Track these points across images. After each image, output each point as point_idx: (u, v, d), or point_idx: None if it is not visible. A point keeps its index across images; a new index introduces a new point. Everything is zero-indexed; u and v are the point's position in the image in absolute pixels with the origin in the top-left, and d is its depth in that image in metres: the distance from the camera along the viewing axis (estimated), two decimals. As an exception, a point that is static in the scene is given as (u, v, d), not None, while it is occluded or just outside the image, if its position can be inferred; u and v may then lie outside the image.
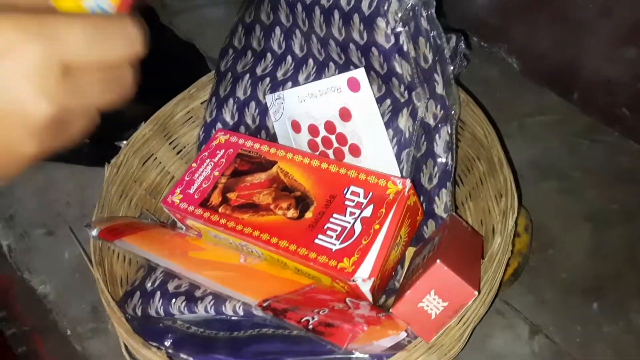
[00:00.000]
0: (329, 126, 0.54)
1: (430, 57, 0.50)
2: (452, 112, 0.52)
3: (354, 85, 0.51)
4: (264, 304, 0.43)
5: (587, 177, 0.70)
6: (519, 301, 0.62)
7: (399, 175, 0.50)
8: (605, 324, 0.60)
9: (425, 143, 0.53)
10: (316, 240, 0.46)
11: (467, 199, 0.60)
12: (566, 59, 0.75)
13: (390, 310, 0.42)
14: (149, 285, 0.53)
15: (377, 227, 0.45)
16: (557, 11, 0.72)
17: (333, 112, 0.53)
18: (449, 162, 0.53)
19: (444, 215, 0.53)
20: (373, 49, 0.50)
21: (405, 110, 0.52)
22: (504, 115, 0.75)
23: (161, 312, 0.51)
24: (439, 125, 0.52)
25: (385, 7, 0.48)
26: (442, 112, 0.52)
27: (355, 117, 0.52)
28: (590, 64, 0.73)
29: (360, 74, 0.51)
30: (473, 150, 0.59)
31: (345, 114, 0.52)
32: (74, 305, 0.63)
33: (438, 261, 0.40)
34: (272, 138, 0.60)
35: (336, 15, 0.51)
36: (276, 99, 0.57)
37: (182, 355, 0.49)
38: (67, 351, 0.60)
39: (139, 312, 0.52)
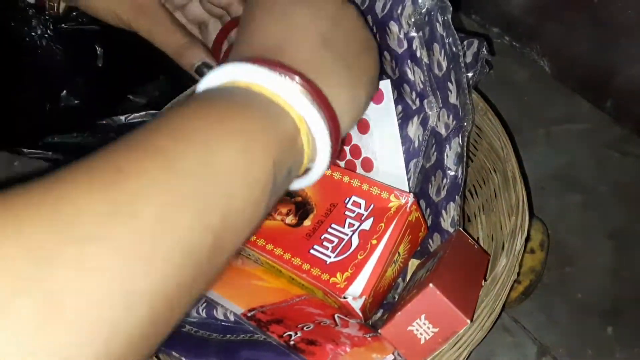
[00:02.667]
0: (345, 137, 0.52)
1: (444, 64, 0.47)
2: (465, 123, 0.50)
3: (377, 96, 0.49)
4: (249, 314, 0.43)
5: (614, 192, 0.66)
6: (528, 320, 0.59)
7: (408, 190, 0.48)
8: (619, 350, 0.57)
9: (435, 153, 0.51)
10: (311, 251, 0.45)
11: (480, 212, 0.57)
12: (601, 64, 0.71)
13: (379, 330, 0.40)
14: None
15: (374, 242, 0.44)
16: (596, 13, 0.68)
17: (351, 123, 0.51)
18: (459, 175, 0.50)
19: (451, 230, 0.51)
20: (385, 53, 0.48)
21: (415, 118, 0.49)
22: (530, 121, 0.72)
23: (156, 309, 0.51)
24: (451, 136, 0.50)
25: (399, 11, 0.45)
26: (454, 122, 0.49)
27: (373, 130, 0.50)
28: (627, 72, 0.69)
29: (385, 85, 0.48)
30: (489, 161, 0.56)
31: (363, 126, 0.50)
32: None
33: (431, 285, 0.39)
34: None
35: (349, 15, 0.49)
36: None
37: (174, 354, 0.49)
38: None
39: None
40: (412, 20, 0.45)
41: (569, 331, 0.58)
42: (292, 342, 0.39)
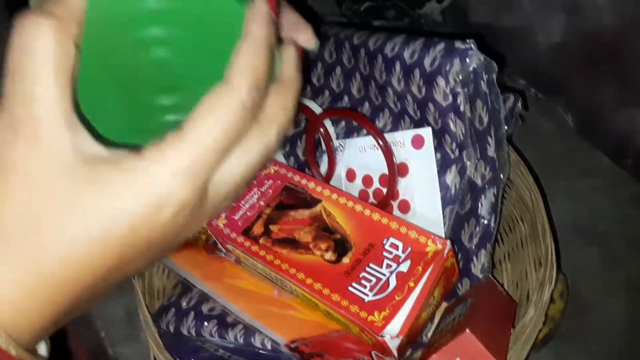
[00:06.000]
0: (384, 179, 0.54)
1: (485, 119, 0.50)
2: (502, 175, 0.52)
3: (418, 142, 0.52)
4: (292, 345, 0.44)
5: (632, 247, 0.69)
6: (545, 367, 0.61)
7: (443, 236, 0.50)
8: (632, 402, 0.59)
9: (470, 201, 0.53)
10: (350, 288, 0.47)
11: (506, 259, 0.60)
12: (624, 122, 0.74)
13: (415, 371, 0.42)
14: (184, 303, 0.55)
15: (412, 284, 0.46)
16: (622, 72, 0.71)
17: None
18: (492, 224, 0.53)
19: (480, 276, 0.53)
20: (430, 104, 0.51)
21: (454, 167, 0.52)
22: (552, 172, 0.74)
23: (193, 332, 0.53)
24: (486, 187, 0.52)
25: (447, 68, 0.48)
26: (490, 174, 0.52)
27: (412, 174, 0.52)
28: (649, 132, 0.71)
29: (426, 132, 0.51)
30: (517, 210, 0.59)
31: (403, 169, 0.53)
32: (109, 307, 0.65)
33: (467, 330, 0.41)
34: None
35: (397, 66, 0.52)
36: (336, 146, 0.58)
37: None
38: (98, 352, 0.63)
39: (171, 329, 0.54)
40: (460, 77, 0.48)
41: (584, 381, 0.60)
42: (333, 376, 0.41)
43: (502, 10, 0.79)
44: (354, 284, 0.47)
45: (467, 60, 0.48)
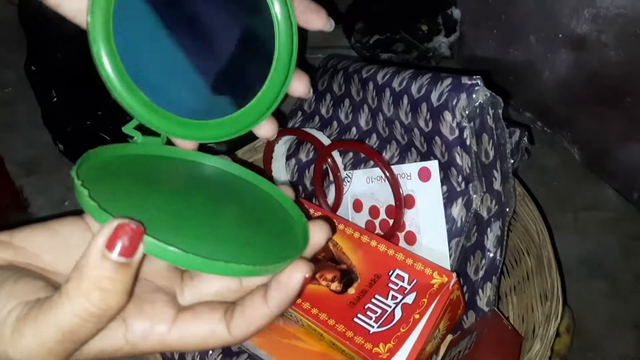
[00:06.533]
0: (391, 210, 0.55)
1: (491, 153, 0.51)
2: (507, 208, 0.53)
3: (424, 175, 0.53)
4: (297, 376, 0.44)
5: (639, 282, 0.69)
6: (551, 402, 0.61)
7: (449, 268, 0.50)
8: None
9: (475, 234, 0.54)
10: (355, 319, 0.47)
11: (511, 292, 0.60)
12: (630, 157, 0.74)
13: (420, 404, 0.42)
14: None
15: (417, 316, 0.46)
16: (627, 108, 0.72)
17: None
18: (498, 257, 0.53)
19: (486, 309, 0.53)
20: (436, 137, 0.52)
21: (460, 200, 0.52)
22: (559, 206, 0.75)
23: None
24: (492, 220, 0.53)
25: (454, 102, 0.49)
26: (496, 207, 0.52)
27: (418, 206, 0.53)
28: (655, 167, 0.72)
29: (433, 165, 0.52)
30: (523, 243, 0.59)
31: (409, 201, 0.54)
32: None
33: (473, 365, 0.41)
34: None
35: (405, 100, 0.53)
36: (344, 177, 0.58)
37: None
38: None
39: (176, 357, 0.54)
40: (466, 112, 0.49)
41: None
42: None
43: (509, 45, 0.81)
44: (359, 315, 0.48)
45: (474, 95, 0.48)
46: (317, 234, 0.31)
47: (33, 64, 0.77)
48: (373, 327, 0.47)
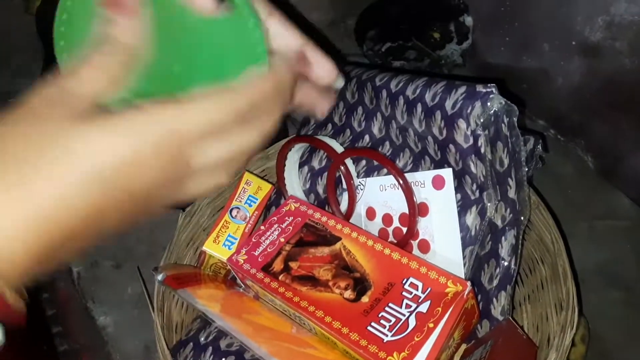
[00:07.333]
0: (404, 218, 0.55)
1: (506, 161, 0.51)
2: (522, 217, 0.52)
3: (438, 183, 0.52)
4: (310, 384, 0.44)
5: (654, 291, 0.68)
6: (566, 413, 0.60)
7: (463, 277, 0.50)
8: None
9: (490, 243, 0.53)
10: (369, 327, 0.47)
11: (526, 301, 0.59)
12: (645, 165, 0.74)
13: (435, 414, 0.42)
14: (202, 338, 0.55)
15: (431, 325, 0.46)
16: (641, 116, 0.71)
17: (412, 206, 0.54)
18: (512, 266, 0.52)
19: (500, 318, 0.53)
20: (451, 145, 0.51)
21: (474, 208, 0.52)
22: (573, 215, 0.74)
23: (210, 368, 0.53)
24: (507, 228, 0.52)
25: (469, 110, 0.49)
26: (511, 215, 0.52)
27: (432, 214, 0.53)
28: (670, 176, 0.71)
29: (447, 173, 0.52)
30: (537, 252, 0.59)
31: (423, 209, 0.53)
32: (128, 340, 0.66)
33: (489, 374, 0.40)
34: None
35: (419, 108, 0.53)
36: (357, 185, 0.58)
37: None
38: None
39: (189, 364, 0.54)
40: (481, 120, 0.49)
41: None
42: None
43: (522, 53, 0.81)
44: (373, 324, 0.47)
45: (489, 103, 0.48)
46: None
47: (50, 73, 0.78)
48: (387, 335, 0.46)
